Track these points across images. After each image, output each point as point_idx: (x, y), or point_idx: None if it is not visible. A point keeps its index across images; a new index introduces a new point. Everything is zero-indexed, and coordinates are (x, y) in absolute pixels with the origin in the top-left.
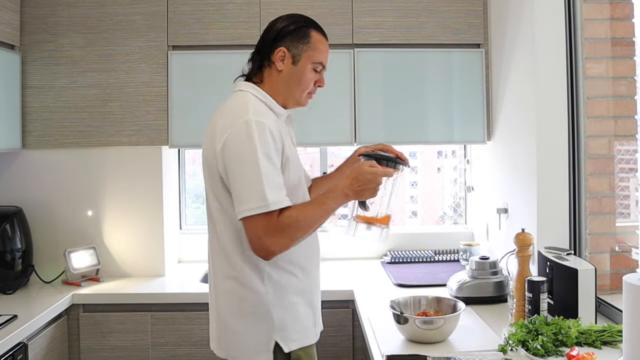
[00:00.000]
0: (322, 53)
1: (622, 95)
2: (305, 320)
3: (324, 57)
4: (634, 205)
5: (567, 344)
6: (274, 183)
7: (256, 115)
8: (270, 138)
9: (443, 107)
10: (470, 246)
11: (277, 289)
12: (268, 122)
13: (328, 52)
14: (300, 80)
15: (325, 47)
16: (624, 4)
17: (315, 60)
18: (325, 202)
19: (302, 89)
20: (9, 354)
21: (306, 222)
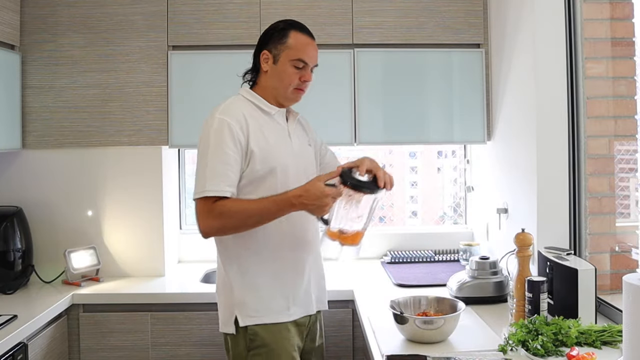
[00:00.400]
0: (300, 50)
1: (622, 95)
2: (270, 301)
3: (303, 54)
4: (634, 205)
5: (567, 344)
6: (216, 173)
7: (221, 113)
8: (227, 133)
9: (443, 107)
10: (470, 246)
11: (241, 269)
12: (231, 119)
13: (312, 49)
14: (282, 77)
15: (304, 45)
16: (624, 4)
17: (293, 57)
18: (267, 203)
19: (285, 85)
20: (9, 354)
21: (239, 214)
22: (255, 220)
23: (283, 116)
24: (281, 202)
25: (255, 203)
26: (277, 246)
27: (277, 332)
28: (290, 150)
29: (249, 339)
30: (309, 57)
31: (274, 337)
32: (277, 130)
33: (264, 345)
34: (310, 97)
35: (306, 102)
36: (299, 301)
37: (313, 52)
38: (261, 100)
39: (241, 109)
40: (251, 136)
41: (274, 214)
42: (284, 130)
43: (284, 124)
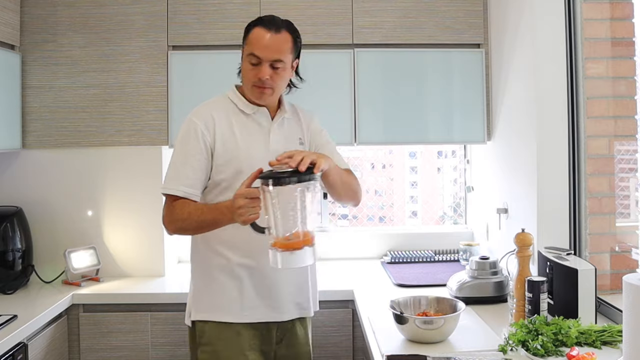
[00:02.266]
0: (253, 45)
1: (622, 95)
2: (222, 300)
3: (255, 48)
4: (634, 205)
5: (567, 344)
6: (175, 173)
7: (193, 114)
8: (192, 134)
9: (443, 107)
10: (470, 246)
11: (202, 265)
12: (198, 120)
13: (267, 42)
14: (243, 74)
15: (258, 39)
16: (624, 4)
17: (248, 52)
18: (206, 211)
19: (245, 82)
20: (9, 354)
21: (185, 217)
22: (197, 226)
23: (265, 115)
24: (216, 210)
25: (199, 209)
26: (239, 249)
27: (224, 333)
28: (264, 151)
29: (198, 335)
30: (260, 50)
31: (220, 337)
32: (252, 130)
33: (209, 344)
34: (310, 97)
35: (306, 102)
36: (258, 305)
37: (268, 46)
38: (241, 99)
39: (213, 109)
40: (218, 138)
41: (214, 221)
42: (263, 129)
43: (266, 123)
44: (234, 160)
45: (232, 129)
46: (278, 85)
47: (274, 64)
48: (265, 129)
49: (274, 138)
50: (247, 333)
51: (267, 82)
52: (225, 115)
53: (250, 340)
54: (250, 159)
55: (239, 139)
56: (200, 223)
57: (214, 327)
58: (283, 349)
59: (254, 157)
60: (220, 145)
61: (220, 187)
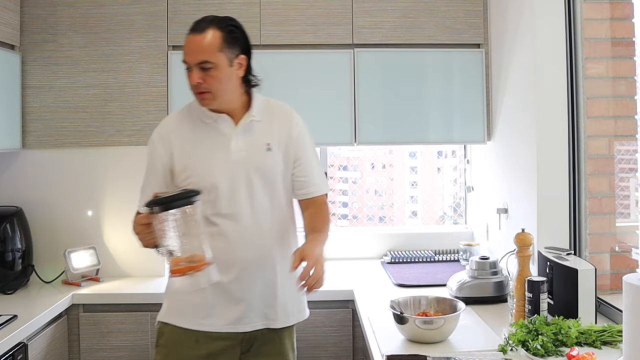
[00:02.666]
0: (184, 52)
1: (622, 95)
2: (182, 305)
3: (184, 54)
4: (634, 205)
5: (567, 344)
6: (142, 190)
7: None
8: (152, 150)
9: (443, 107)
10: (470, 246)
11: None
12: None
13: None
14: None
15: (185, 45)
16: (624, 4)
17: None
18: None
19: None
20: (9, 354)
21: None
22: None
23: (227, 122)
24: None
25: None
26: None
27: (182, 338)
28: (224, 161)
29: (157, 335)
30: (186, 56)
31: (174, 341)
32: (213, 141)
33: (164, 346)
34: (311, 97)
35: (306, 102)
36: (219, 315)
37: (190, 49)
38: (202, 109)
39: (177, 120)
40: (175, 156)
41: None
42: (225, 137)
43: (228, 130)
44: (192, 173)
45: (192, 140)
46: (216, 88)
47: (202, 66)
48: (227, 136)
49: (236, 146)
50: (206, 341)
51: (201, 86)
52: (188, 126)
53: (208, 348)
54: (207, 170)
55: (197, 151)
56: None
57: (173, 331)
58: (251, 358)
59: (212, 169)
60: (178, 162)
61: None
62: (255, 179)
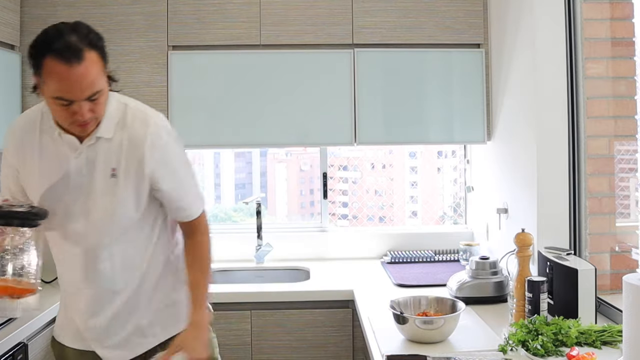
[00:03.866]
0: (56, 88)
1: (622, 95)
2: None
3: (62, 92)
4: (634, 205)
5: (567, 344)
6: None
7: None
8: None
9: (443, 107)
10: (470, 246)
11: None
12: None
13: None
14: (54, 113)
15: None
16: (624, 4)
17: (53, 95)
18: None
19: (61, 121)
20: (9, 354)
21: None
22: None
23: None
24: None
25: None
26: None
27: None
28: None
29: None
30: (69, 93)
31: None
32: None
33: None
34: (311, 96)
35: (306, 102)
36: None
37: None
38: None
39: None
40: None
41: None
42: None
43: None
44: (31, 190)
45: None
46: (100, 113)
47: (90, 97)
48: (68, 156)
49: (75, 168)
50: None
51: (88, 117)
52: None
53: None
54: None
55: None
56: None
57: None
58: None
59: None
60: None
61: None
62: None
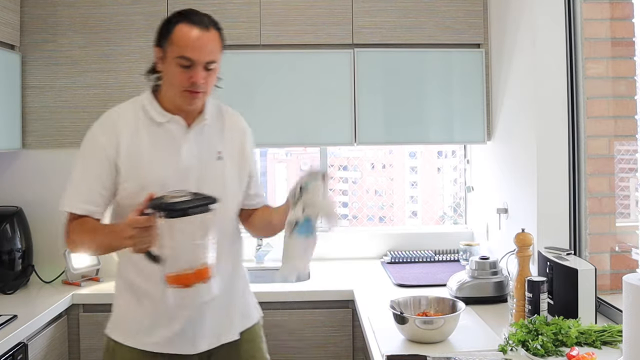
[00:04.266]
0: (183, 46)
1: (622, 95)
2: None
3: (186, 50)
4: (634, 205)
5: (567, 344)
6: (75, 190)
7: (98, 122)
8: (92, 146)
9: (443, 107)
10: (470, 246)
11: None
12: (102, 131)
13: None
14: (169, 78)
15: (189, 39)
16: (624, 4)
17: (177, 55)
18: (99, 232)
19: (173, 87)
20: (9, 354)
21: (79, 237)
22: (96, 246)
23: (179, 124)
24: (110, 233)
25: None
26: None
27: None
28: (173, 166)
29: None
30: (194, 52)
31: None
32: (163, 142)
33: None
34: (311, 97)
35: (306, 102)
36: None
37: (201, 46)
38: (154, 106)
39: (121, 117)
40: (122, 151)
41: (109, 245)
42: (175, 141)
43: (180, 133)
44: (138, 176)
45: (139, 140)
46: (210, 89)
47: (207, 65)
48: (177, 140)
49: (187, 152)
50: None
51: (201, 86)
52: (133, 124)
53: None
54: (155, 175)
55: (145, 152)
56: (97, 244)
57: (126, 351)
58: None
59: (161, 174)
60: (123, 158)
61: (124, 205)
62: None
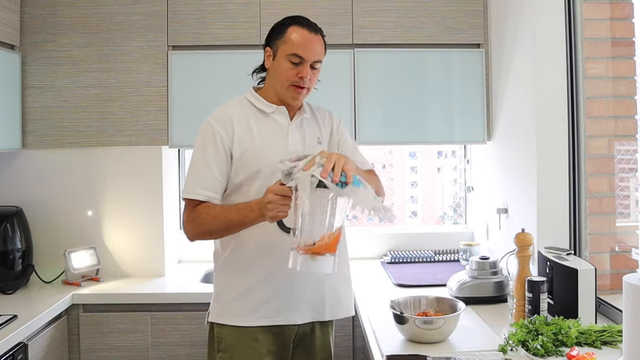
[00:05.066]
0: (295, 45)
1: (622, 95)
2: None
3: (298, 48)
4: (634, 205)
5: (567, 344)
6: (195, 177)
7: (211, 116)
8: (210, 137)
9: (443, 107)
10: (470, 246)
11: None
12: (216, 123)
13: (310, 44)
14: (278, 73)
15: (301, 39)
16: (624, 4)
17: (289, 52)
18: (232, 212)
19: (281, 81)
20: (9, 354)
21: (209, 221)
22: (224, 227)
23: (284, 114)
24: (243, 209)
25: (224, 211)
26: (252, 251)
27: (242, 340)
28: (282, 151)
29: (216, 340)
30: (305, 51)
31: (237, 344)
32: (271, 130)
33: (226, 350)
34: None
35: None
36: (276, 308)
37: (311, 46)
38: (260, 99)
39: (232, 111)
40: (235, 140)
41: (240, 221)
42: (282, 128)
43: (285, 122)
44: (251, 161)
45: (250, 130)
46: (312, 87)
47: (314, 64)
48: (284, 128)
49: (293, 138)
50: (264, 338)
51: (306, 82)
52: (244, 116)
53: (267, 345)
54: (267, 159)
55: (257, 140)
56: (227, 224)
57: (231, 332)
58: (299, 353)
59: (272, 158)
60: (237, 146)
61: (239, 189)
62: None
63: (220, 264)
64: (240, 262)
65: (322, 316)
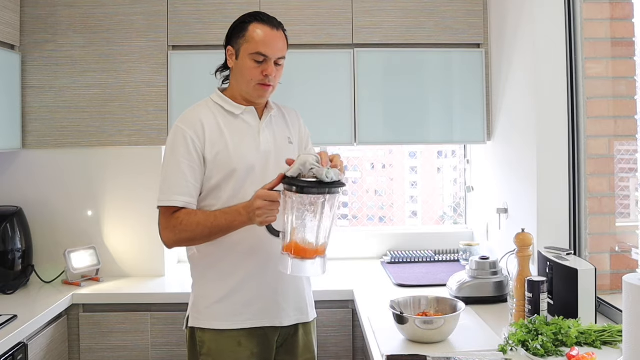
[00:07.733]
0: (259, 43)
1: (622, 95)
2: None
3: (263, 47)
4: (634, 205)
5: (567, 344)
6: (169, 184)
7: (180, 121)
8: (182, 142)
9: (443, 107)
10: (470, 246)
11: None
12: (186, 127)
13: (273, 40)
14: (243, 73)
15: (264, 37)
16: (624, 4)
17: (252, 51)
18: (218, 217)
19: (247, 80)
20: (9, 354)
21: (192, 228)
22: (209, 233)
23: (254, 114)
24: (230, 214)
25: (208, 216)
26: (234, 252)
27: (224, 343)
28: (255, 150)
29: (198, 344)
30: (268, 49)
31: (220, 349)
32: (242, 131)
33: (209, 354)
34: (311, 97)
35: (306, 101)
36: (259, 310)
37: (274, 44)
38: (227, 101)
39: (201, 114)
40: (207, 143)
41: (227, 226)
42: (252, 129)
43: (255, 123)
44: (226, 161)
45: (221, 131)
46: (276, 84)
47: (277, 61)
48: (254, 128)
49: (264, 137)
50: (247, 342)
51: (272, 79)
52: (213, 118)
53: (251, 348)
54: (242, 158)
55: (229, 140)
56: (213, 229)
57: (214, 337)
58: (283, 354)
59: (246, 157)
60: (210, 148)
61: (215, 190)
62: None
63: (199, 267)
64: (221, 265)
65: (307, 317)
